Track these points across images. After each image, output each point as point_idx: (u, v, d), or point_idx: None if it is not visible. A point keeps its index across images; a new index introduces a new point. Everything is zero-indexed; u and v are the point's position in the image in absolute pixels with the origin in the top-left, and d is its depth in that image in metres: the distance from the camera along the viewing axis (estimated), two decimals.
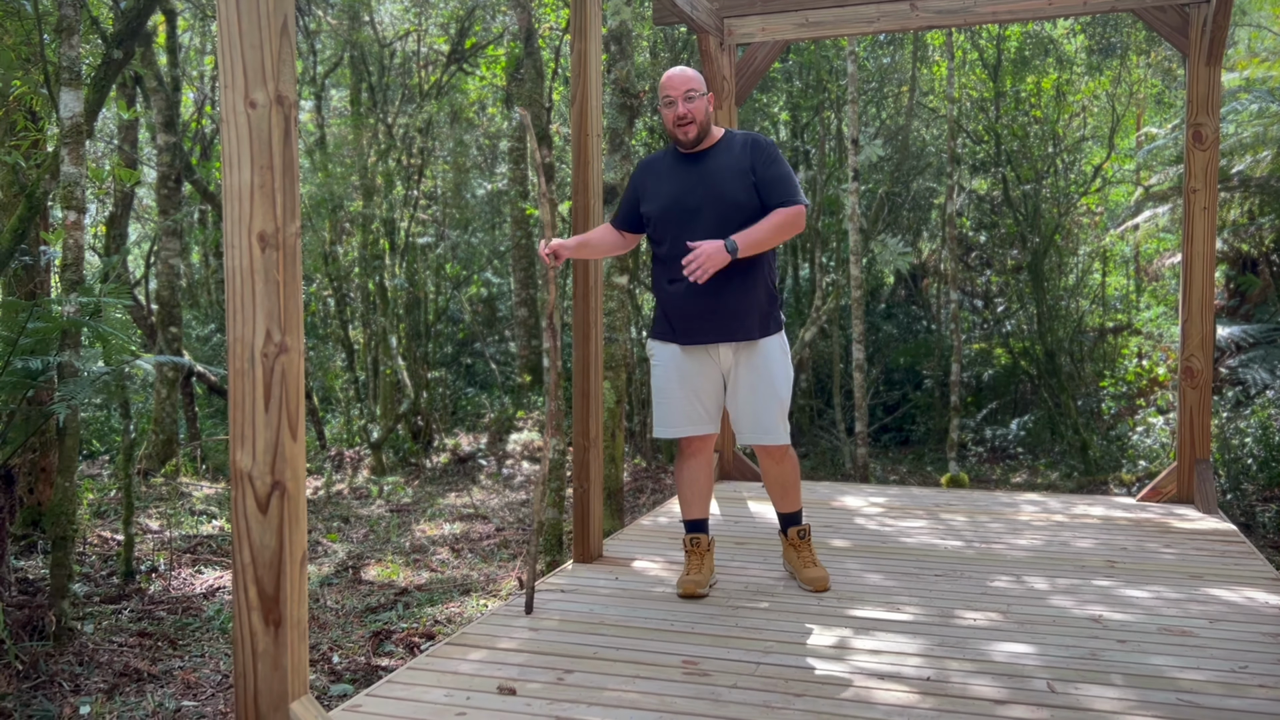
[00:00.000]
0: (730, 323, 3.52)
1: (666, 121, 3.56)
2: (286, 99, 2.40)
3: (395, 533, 6.93)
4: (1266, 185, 8.39)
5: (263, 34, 2.36)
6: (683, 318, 3.57)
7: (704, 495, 3.77)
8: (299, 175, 2.52)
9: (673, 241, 3.54)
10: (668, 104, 3.53)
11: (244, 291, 2.41)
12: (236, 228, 2.41)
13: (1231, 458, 8.19)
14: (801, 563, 3.80)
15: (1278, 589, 3.66)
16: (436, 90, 10.46)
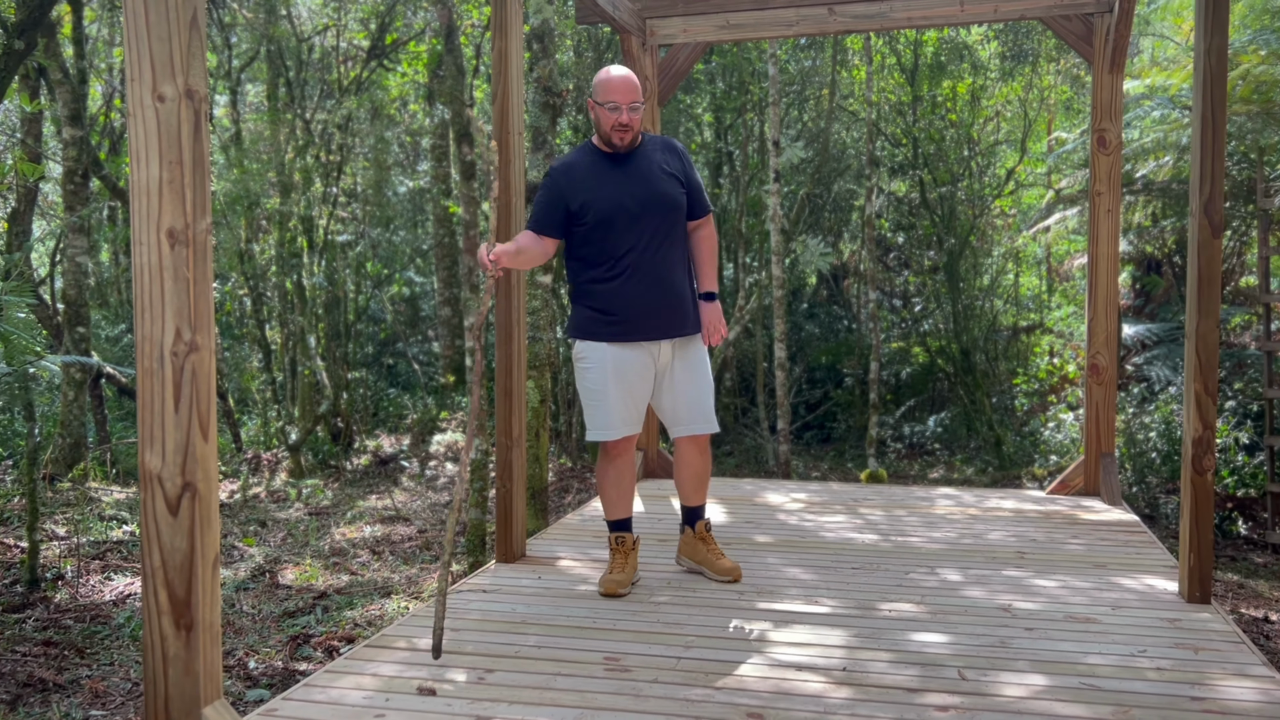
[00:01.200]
0: (674, 318, 3.62)
1: (604, 123, 3.55)
2: (197, 93, 2.35)
3: (314, 536, 6.81)
4: (1168, 189, 8.72)
5: (171, 26, 2.31)
6: (626, 315, 3.56)
7: (629, 494, 3.80)
8: (210, 171, 2.47)
9: (610, 240, 3.54)
10: (611, 108, 3.52)
11: (153, 289, 2.35)
12: (145, 224, 2.35)
13: (1137, 452, 8.50)
14: (713, 555, 3.86)
15: (1175, 577, 3.81)
16: (356, 86, 10.30)
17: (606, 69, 3.57)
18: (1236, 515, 7.78)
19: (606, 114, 3.53)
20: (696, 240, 3.76)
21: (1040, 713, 2.58)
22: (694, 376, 3.69)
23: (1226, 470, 7.97)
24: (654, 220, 3.56)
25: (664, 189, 3.58)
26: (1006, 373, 11.58)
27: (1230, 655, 2.99)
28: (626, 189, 3.56)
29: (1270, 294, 7.76)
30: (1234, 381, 8.91)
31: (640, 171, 3.59)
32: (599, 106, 3.55)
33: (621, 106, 3.51)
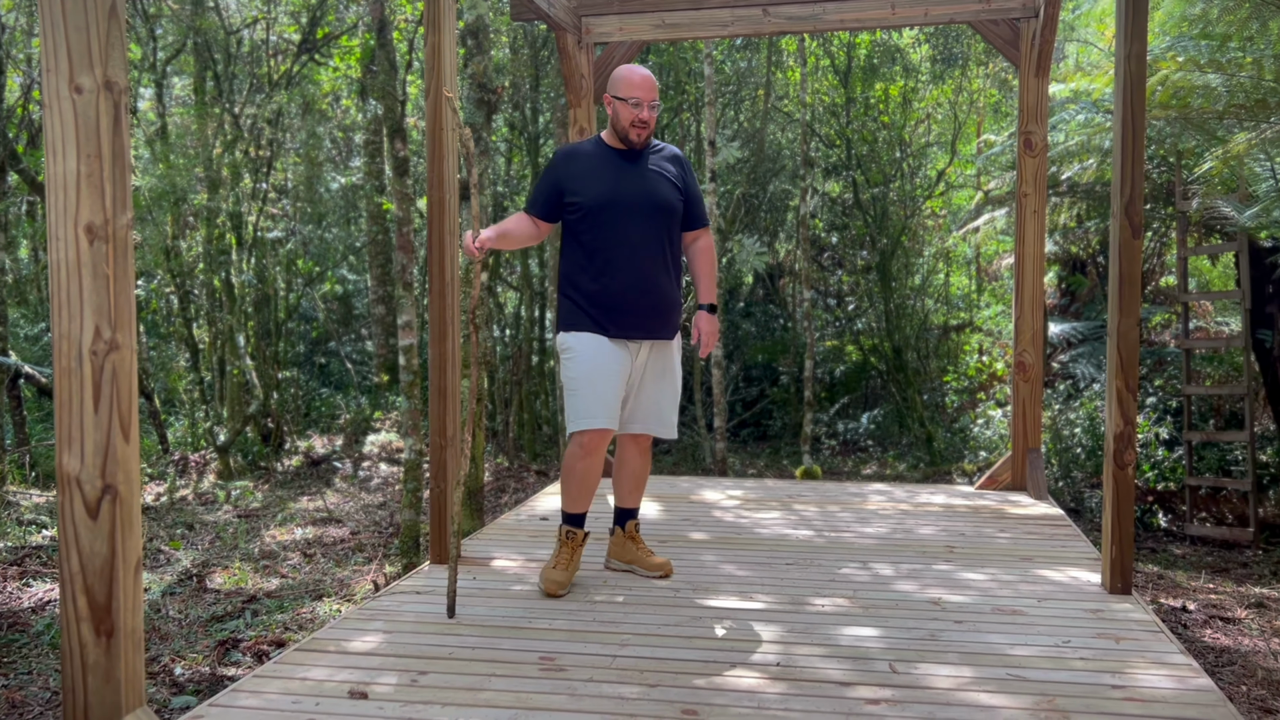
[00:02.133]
0: (660, 320, 3.65)
1: (623, 118, 3.55)
2: (116, 84, 2.28)
3: (243, 539, 6.68)
4: (1092, 191, 8.96)
5: (88, 15, 2.24)
6: (617, 313, 3.56)
7: (592, 492, 3.75)
8: (130, 164, 2.40)
9: (604, 234, 3.54)
10: (634, 104, 3.53)
11: (70, 286, 2.28)
12: (62, 219, 2.28)
13: (1063, 447, 8.71)
14: (644, 553, 3.90)
15: (1098, 568, 3.91)
16: (287, 80, 10.11)
17: (628, 66, 3.59)
18: (1157, 508, 8.03)
19: (627, 109, 3.54)
20: (695, 252, 3.80)
21: (968, 703, 2.63)
22: (664, 382, 3.72)
23: (1148, 465, 8.21)
24: (649, 221, 3.58)
25: (662, 192, 3.61)
26: (937, 370, 11.79)
27: (1149, 644, 3.08)
28: (626, 185, 3.58)
29: (1188, 293, 8.02)
30: (1155, 378, 9.18)
31: (643, 172, 3.62)
32: (619, 101, 3.55)
33: (643, 103, 3.53)
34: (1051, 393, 9.59)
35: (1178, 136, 7.39)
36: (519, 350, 10.94)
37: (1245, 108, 5.72)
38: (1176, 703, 2.63)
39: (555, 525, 4.78)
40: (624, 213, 3.55)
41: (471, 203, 3.43)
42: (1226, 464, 7.99)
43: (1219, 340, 8.21)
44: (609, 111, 3.61)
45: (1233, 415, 8.66)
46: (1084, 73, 8.45)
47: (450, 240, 4.04)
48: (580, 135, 5.82)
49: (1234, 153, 6.27)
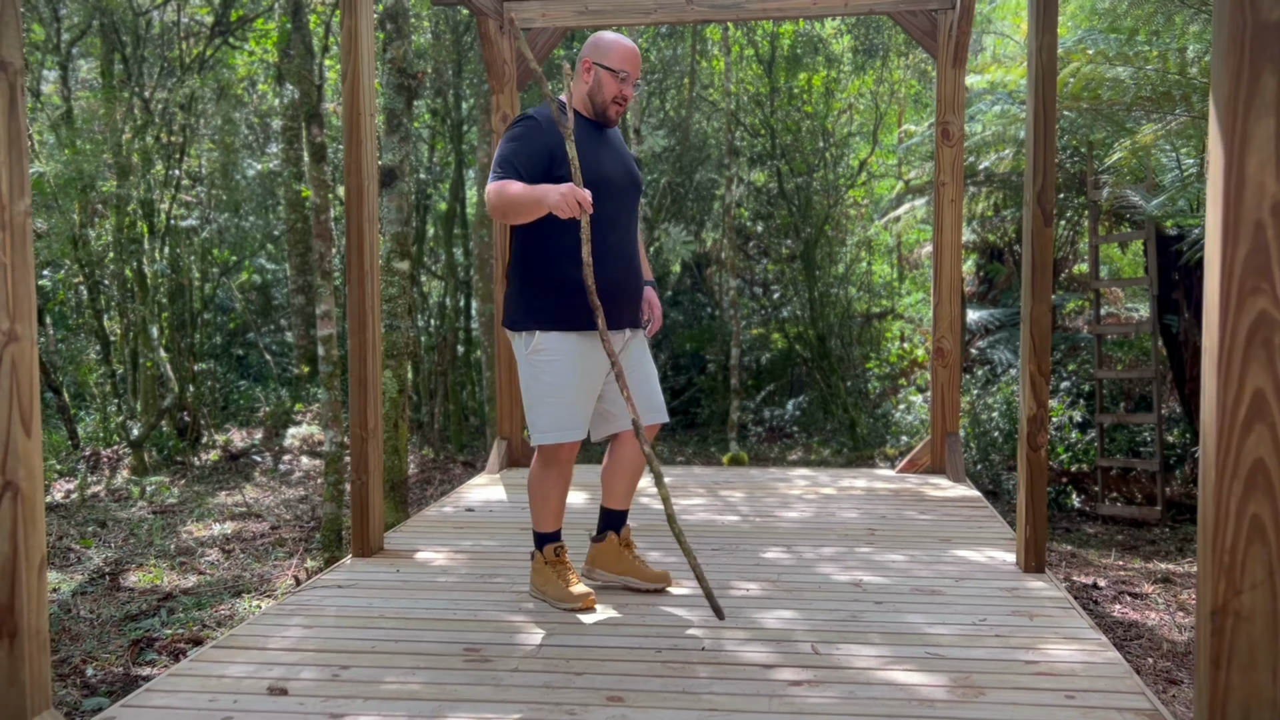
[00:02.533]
0: (638, 306, 3.40)
1: (606, 90, 3.23)
2: (11, 65, 2.18)
3: (159, 535, 6.50)
4: (1008, 181, 9.17)
5: None
6: (610, 303, 3.20)
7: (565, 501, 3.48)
8: (28, 149, 2.30)
9: (594, 215, 3.14)
10: (621, 79, 3.22)
11: None
12: None
13: (981, 431, 8.92)
14: (640, 563, 3.53)
15: (1013, 548, 4.02)
16: (200, 64, 9.82)
17: (617, 35, 3.27)
18: (1071, 489, 8.27)
19: (613, 82, 3.23)
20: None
21: (888, 682, 2.68)
22: (649, 367, 3.44)
23: (1062, 447, 8.46)
24: (628, 198, 3.31)
25: (634, 168, 3.37)
26: (860, 357, 11.98)
27: (1061, 620, 3.17)
28: (608, 159, 3.26)
29: (1099, 280, 8.26)
30: (1068, 363, 9.45)
31: (615, 146, 3.35)
32: (605, 71, 3.22)
33: (629, 79, 3.25)
34: (970, 378, 9.81)
35: (1089, 127, 7.60)
36: (444, 340, 10.82)
37: (1151, 100, 5.90)
38: (1086, 676, 2.72)
39: (481, 517, 4.74)
40: (611, 192, 3.23)
41: (570, 153, 3.04)
42: (1136, 445, 8.26)
43: (1129, 326, 8.48)
44: (586, 79, 3.25)
45: (1142, 398, 8.97)
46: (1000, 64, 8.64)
47: (370, 227, 3.97)
48: (504, 122, 5.76)
49: (1141, 143, 6.47)
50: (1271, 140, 1.90)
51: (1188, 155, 7.30)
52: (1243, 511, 1.94)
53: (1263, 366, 1.91)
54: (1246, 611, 1.95)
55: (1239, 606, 1.95)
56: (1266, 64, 1.90)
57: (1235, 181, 1.91)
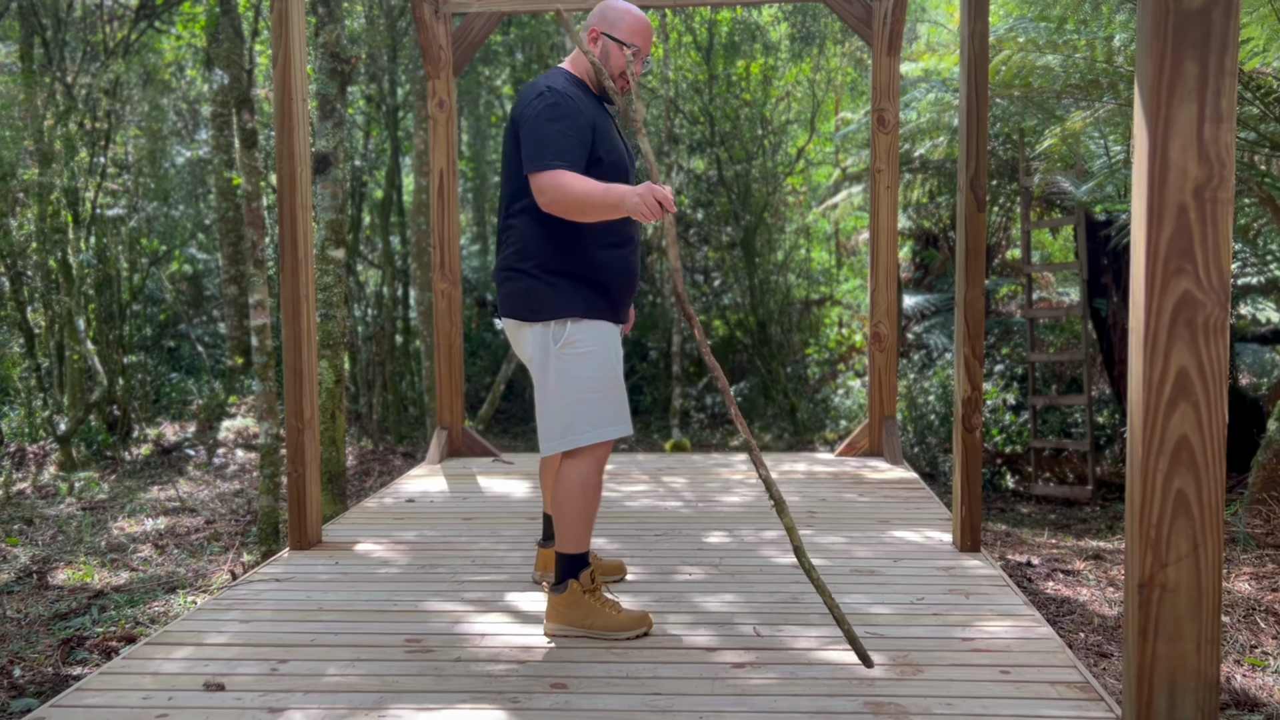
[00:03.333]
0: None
1: (615, 64, 2.98)
2: None
3: (89, 532, 6.33)
4: (943, 168, 9.31)
5: None
6: (625, 291, 3.02)
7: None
8: None
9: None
10: (634, 54, 2.99)
11: None
12: None
13: (917, 415, 9.07)
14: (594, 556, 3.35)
15: (949, 528, 4.09)
16: (125, 48, 9.54)
17: (628, 4, 3.01)
18: (1005, 470, 8.45)
19: (619, 55, 2.97)
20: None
21: (828, 662, 2.71)
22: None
23: (996, 429, 8.63)
24: (633, 182, 3.07)
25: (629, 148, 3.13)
26: (800, 343, 12.09)
27: (996, 598, 3.24)
28: (622, 141, 3.04)
29: (1031, 265, 8.43)
30: (1002, 347, 9.64)
31: (617, 126, 3.09)
32: (615, 43, 2.96)
33: (640, 54, 3.01)
34: (907, 363, 9.96)
35: (1020, 115, 7.74)
36: (382, 330, 10.69)
37: (1080, 87, 6.02)
38: (1021, 651, 2.78)
39: (422, 508, 4.70)
40: (629, 174, 3.03)
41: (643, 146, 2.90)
42: (1067, 426, 8.46)
43: (1060, 310, 8.67)
44: (593, 49, 2.97)
45: (1073, 380, 9.18)
46: (934, 53, 8.75)
47: (303, 214, 3.90)
48: (440, 108, 5.69)
49: (1071, 130, 6.60)
50: (1193, 125, 1.95)
51: (1115, 142, 7.48)
52: (1168, 487, 1.99)
53: (1186, 345, 1.97)
54: (1172, 584, 2.00)
55: (1165, 579, 2.00)
56: (1188, 51, 1.94)
57: (1159, 165, 1.96)
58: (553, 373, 2.90)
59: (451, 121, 5.77)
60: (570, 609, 2.92)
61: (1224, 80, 1.94)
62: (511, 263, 2.96)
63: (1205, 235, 1.96)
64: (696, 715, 2.39)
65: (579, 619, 2.92)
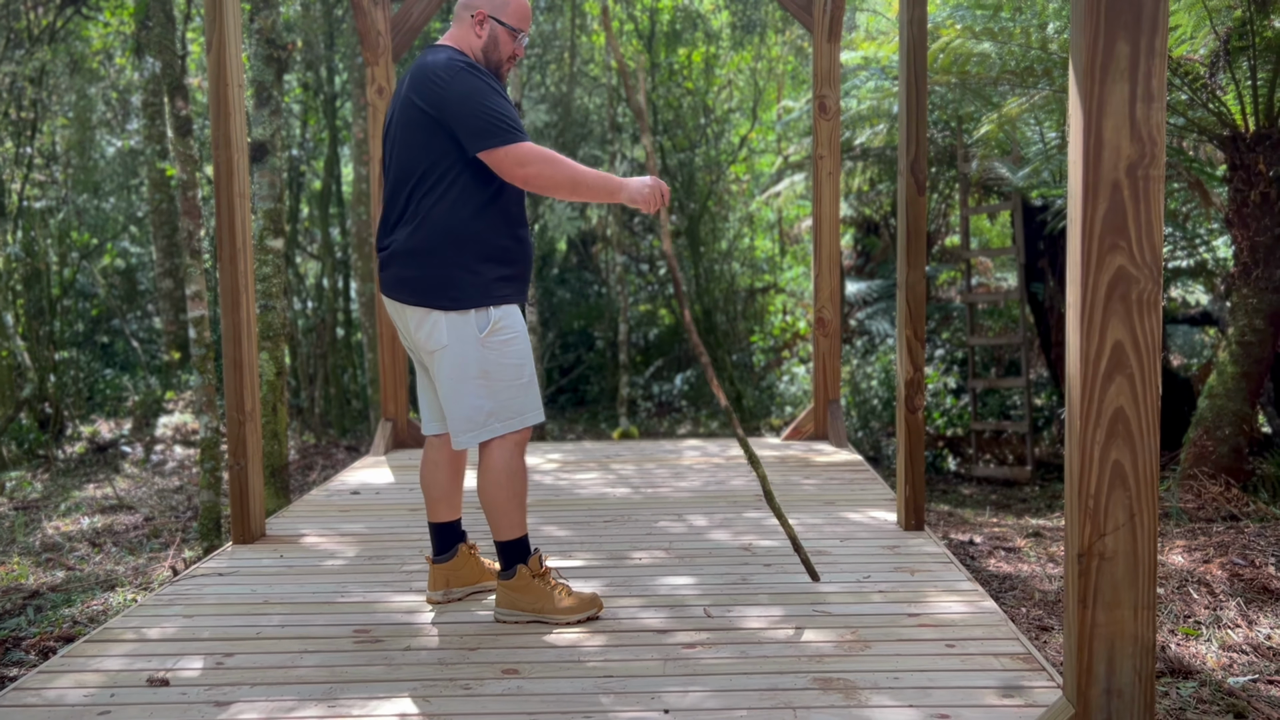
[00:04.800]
0: None
1: (504, 48, 2.91)
2: None
3: (21, 532, 6.17)
4: (883, 155, 9.41)
5: None
6: (530, 272, 2.98)
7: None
8: None
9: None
10: (521, 38, 2.94)
11: None
12: None
13: (861, 399, 9.18)
14: (488, 561, 3.27)
15: (894, 509, 4.15)
16: (50, 35, 9.27)
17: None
18: (947, 453, 8.59)
19: (509, 40, 2.91)
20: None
21: (778, 640, 2.74)
22: None
23: (938, 413, 8.77)
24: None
25: None
26: (745, 331, 12.17)
27: (941, 575, 3.30)
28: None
29: (970, 251, 8.57)
30: (942, 331, 9.80)
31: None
32: (503, 28, 2.89)
33: (526, 39, 2.99)
34: (850, 348, 10.07)
35: (958, 102, 7.85)
36: (323, 322, 10.54)
37: (1016, 74, 6.13)
38: (965, 625, 2.83)
39: (367, 499, 4.65)
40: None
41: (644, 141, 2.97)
42: (1006, 409, 8.64)
43: (998, 295, 8.83)
44: (480, 32, 2.88)
45: (1012, 364, 9.37)
46: (873, 40, 8.85)
47: (241, 203, 3.83)
48: (380, 95, 5.61)
49: (1007, 117, 6.72)
50: (1125, 105, 1.99)
51: (1050, 129, 7.62)
52: (1105, 458, 2.04)
53: (1121, 320, 2.01)
54: (1110, 553, 2.05)
55: (1103, 548, 2.05)
56: (1120, 32, 1.99)
57: (1094, 144, 2.00)
58: (476, 361, 2.82)
59: None
60: (520, 593, 2.92)
61: (1154, 61, 1.99)
62: (420, 245, 2.80)
63: (1138, 212, 2.00)
64: (649, 695, 2.40)
65: (529, 603, 2.91)
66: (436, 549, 3.15)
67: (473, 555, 3.18)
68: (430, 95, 2.76)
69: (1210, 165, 6.86)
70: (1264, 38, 5.06)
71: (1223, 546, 4.23)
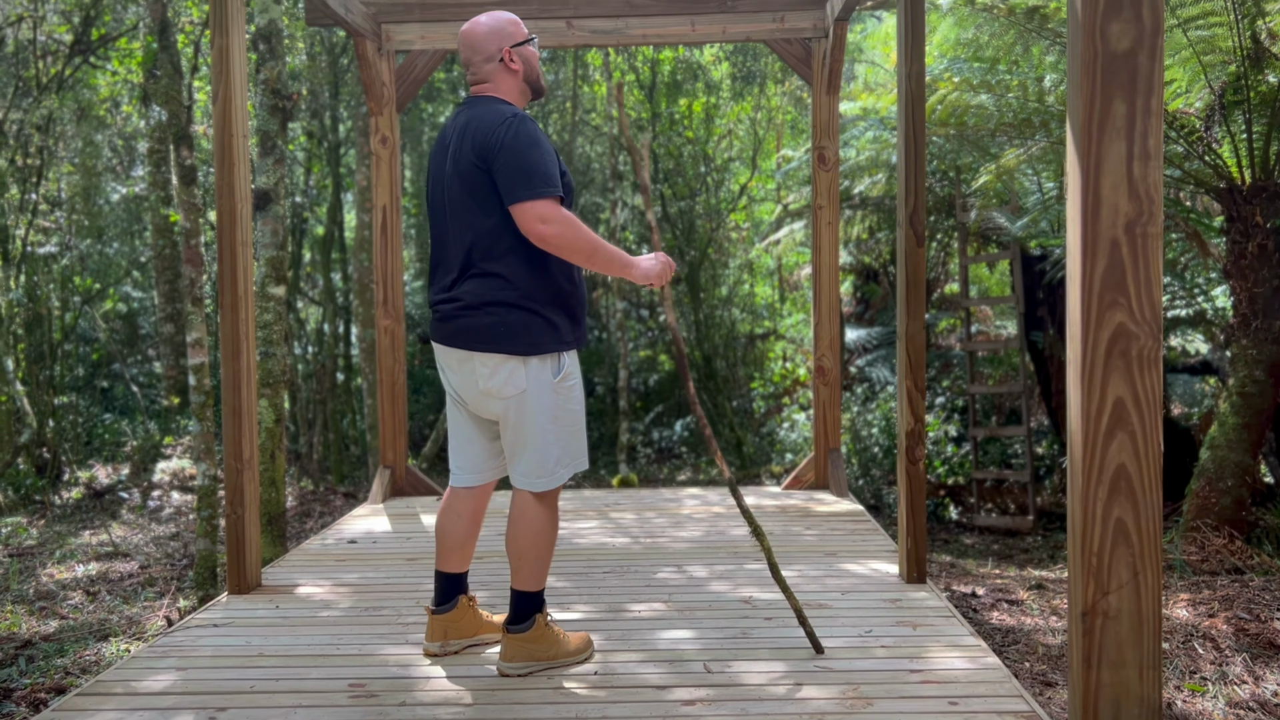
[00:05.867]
0: None
1: (535, 65, 2.99)
2: None
3: (15, 579, 6.11)
4: (882, 204, 9.48)
5: None
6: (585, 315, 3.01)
7: None
8: None
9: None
10: (537, 47, 3.05)
11: None
12: None
13: (862, 447, 9.15)
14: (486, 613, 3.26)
15: (896, 560, 4.12)
16: (58, 84, 9.38)
17: (499, 12, 2.97)
18: (949, 501, 8.55)
19: (533, 51, 2.97)
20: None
21: (780, 697, 2.70)
22: None
23: (939, 461, 8.74)
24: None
25: None
26: (745, 377, 12.17)
27: (944, 629, 3.26)
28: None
29: (969, 299, 8.59)
30: (943, 379, 9.79)
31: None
32: (522, 49, 2.94)
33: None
34: (850, 396, 10.06)
35: (956, 153, 7.92)
36: (323, 368, 10.54)
37: (1013, 126, 6.19)
38: (968, 681, 2.79)
39: (365, 549, 4.61)
40: (573, 192, 2.98)
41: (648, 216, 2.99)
42: (1008, 457, 8.61)
43: (998, 343, 8.84)
44: (514, 66, 2.91)
45: (1012, 412, 9.36)
46: (872, 91, 8.95)
47: (243, 251, 3.84)
48: (384, 145, 5.67)
49: (1005, 168, 6.78)
50: (1123, 163, 2.01)
51: (1048, 179, 7.68)
52: (1108, 515, 2.03)
53: (1122, 376, 2.01)
54: (1114, 611, 2.03)
55: (1107, 607, 2.03)
56: (1116, 91, 2.01)
57: (1092, 202, 2.01)
58: (550, 406, 2.85)
59: (395, 158, 5.75)
60: (535, 644, 2.92)
61: (1150, 120, 2.01)
62: (496, 295, 2.80)
63: (1137, 269, 2.01)
64: None
65: (544, 652, 2.93)
66: (439, 599, 3.12)
67: (471, 607, 3.15)
68: (485, 151, 2.78)
69: (1207, 215, 6.90)
70: (1259, 92, 5.12)
71: (1228, 600, 4.19)
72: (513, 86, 2.94)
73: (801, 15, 5.55)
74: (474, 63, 2.94)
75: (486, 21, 2.92)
